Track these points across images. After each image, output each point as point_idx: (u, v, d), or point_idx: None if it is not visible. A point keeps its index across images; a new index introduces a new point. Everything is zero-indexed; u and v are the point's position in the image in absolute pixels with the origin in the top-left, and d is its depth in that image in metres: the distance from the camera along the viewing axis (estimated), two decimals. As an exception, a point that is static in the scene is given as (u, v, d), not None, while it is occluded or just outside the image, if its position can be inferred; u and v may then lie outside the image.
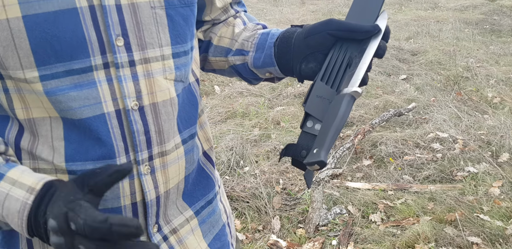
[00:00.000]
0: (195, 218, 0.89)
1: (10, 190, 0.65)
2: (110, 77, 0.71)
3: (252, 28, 0.94)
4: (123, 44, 0.70)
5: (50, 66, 0.66)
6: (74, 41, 0.66)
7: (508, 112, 4.02)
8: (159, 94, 0.76)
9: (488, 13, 8.38)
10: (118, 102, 0.72)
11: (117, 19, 0.69)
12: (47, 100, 0.68)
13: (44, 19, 0.64)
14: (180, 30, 0.77)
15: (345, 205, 2.82)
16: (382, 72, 5.46)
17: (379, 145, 3.49)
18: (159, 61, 0.75)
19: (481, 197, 2.80)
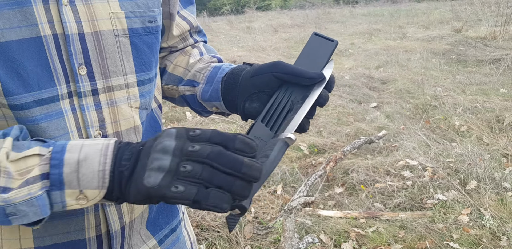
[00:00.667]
0: (159, 247, 0.88)
1: (84, 142, 0.60)
2: (73, 106, 0.70)
3: (207, 60, 0.93)
4: (86, 72, 0.70)
5: (19, 96, 0.65)
6: (40, 70, 0.65)
7: (475, 140, 4.11)
8: (123, 122, 0.75)
9: (454, 43, 8.69)
10: (82, 132, 0.71)
11: (80, 48, 0.69)
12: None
13: (8, 48, 0.63)
14: (144, 58, 0.77)
15: (317, 234, 2.80)
16: (353, 100, 5.55)
17: (351, 172, 3.51)
18: (123, 89, 0.75)
19: (451, 225, 2.82)
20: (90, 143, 0.60)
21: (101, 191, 0.58)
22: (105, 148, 0.59)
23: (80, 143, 0.60)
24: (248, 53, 8.06)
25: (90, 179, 0.58)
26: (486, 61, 7.25)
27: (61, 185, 0.58)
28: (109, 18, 0.71)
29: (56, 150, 0.58)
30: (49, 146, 0.60)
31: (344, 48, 9.11)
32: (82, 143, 0.60)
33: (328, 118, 4.80)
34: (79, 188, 0.58)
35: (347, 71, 6.99)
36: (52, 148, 0.59)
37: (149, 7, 0.77)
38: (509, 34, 9.10)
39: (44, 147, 0.60)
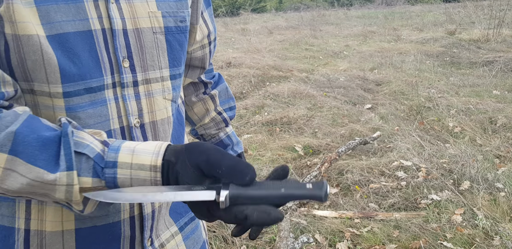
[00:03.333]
0: (179, 233, 0.93)
1: (132, 174, 0.65)
2: (116, 96, 0.76)
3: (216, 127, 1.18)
4: (129, 65, 0.76)
5: (73, 83, 0.70)
6: (90, 61, 0.71)
7: (468, 141, 4.15)
8: (158, 113, 0.82)
9: (448, 46, 8.76)
10: (122, 120, 0.77)
11: (124, 42, 0.75)
12: (64, 116, 0.71)
13: (66, 38, 0.68)
14: (176, 54, 0.84)
15: (312, 234, 2.82)
16: (348, 102, 5.58)
17: (346, 173, 3.53)
18: (159, 82, 0.82)
19: (444, 225, 2.85)
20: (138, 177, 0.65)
21: None
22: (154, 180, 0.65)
23: (128, 176, 0.64)
24: (243, 55, 8.09)
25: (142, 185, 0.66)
26: (479, 64, 7.31)
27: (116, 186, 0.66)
28: (148, 16, 0.78)
29: (109, 185, 0.65)
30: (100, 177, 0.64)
31: (339, 50, 9.16)
32: (130, 176, 0.64)
33: (323, 120, 4.83)
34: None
35: (342, 73, 7.03)
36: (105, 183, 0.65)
37: (179, 8, 0.83)
38: (501, 37, 9.18)
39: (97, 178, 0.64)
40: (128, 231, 0.80)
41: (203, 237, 1.01)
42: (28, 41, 0.65)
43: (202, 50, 1.03)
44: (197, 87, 1.14)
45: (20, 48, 0.66)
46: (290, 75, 6.84)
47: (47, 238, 0.76)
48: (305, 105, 5.33)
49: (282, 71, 7.09)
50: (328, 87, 6.08)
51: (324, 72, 7.09)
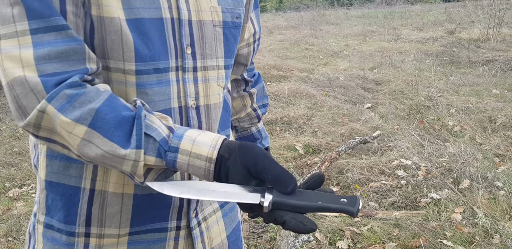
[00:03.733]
0: (220, 210, 1.01)
1: (190, 161, 0.73)
2: (178, 78, 0.85)
3: (250, 121, 1.28)
4: (190, 52, 0.85)
5: (145, 63, 0.79)
6: (160, 45, 0.80)
7: (468, 140, 4.16)
8: (212, 97, 0.91)
9: (448, 45, 8.77)
10: (181, 100, 0.86)
11: (188, 32, 0.84)
12: (135, 92, 0.80)
13: (142, 23, 0.78)
14: (231, 46, 0.94)
15: (313, 232, 2.83)
16: (348, 101, 5.59)
17: (346, 172, 3.55)
18: (214, 70, 0.91)
19: (444, 223, 2.86)
20: (194, 164, 0.73)
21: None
22: (207, 173, 0.73)
23: (186, 162, 0.73)
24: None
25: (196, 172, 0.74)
26: (479, 63, 7.32)
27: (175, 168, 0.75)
28: (210, 10, 0.87)
29: (169, 166, 0.74)
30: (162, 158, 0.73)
31: (339, 49, 9.17)
32: (187, 162, 0.73)
33: (323, 119, 4.84)
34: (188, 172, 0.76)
35: (342, 72, 7.04)
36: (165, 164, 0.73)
37: (236, 6, 0.93)
38: (501, 36, 9.19)
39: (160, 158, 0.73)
40: (177, 201, 0.89)
41: (238, 218, 1.10)
42: (111, 22, 0.75)
43: (247, 48, 1.12)
44: (238, 84, 1.23)
45: (103, 28, 0.75)
46: (290, 75, 6.86)
47: (108, 198, 0.84)
48: (305, 105, 5.34)
49: (282, 70, 7.11)
50: (328, 87, 6.09)
51: (324, 71, 7.10)
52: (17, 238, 2.82)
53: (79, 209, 0.84)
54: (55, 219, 0.86)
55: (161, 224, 0.89)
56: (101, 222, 0.85)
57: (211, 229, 0.98)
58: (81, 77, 0.71)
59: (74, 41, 0.72)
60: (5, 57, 0.70)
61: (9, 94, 0.70)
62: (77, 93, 0.69)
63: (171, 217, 0.90)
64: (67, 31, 0.71)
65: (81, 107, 0.68)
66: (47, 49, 0.70)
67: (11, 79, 0.69)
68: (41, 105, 0.67)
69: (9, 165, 3.91)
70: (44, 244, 0.88)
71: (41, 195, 0.88)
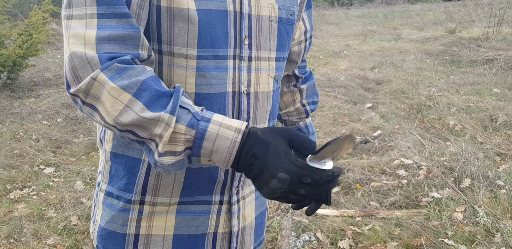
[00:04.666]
0: (254, 193, 1.10)
1: (220, 130, 0.77)
2: (234, 66, 0.93)
3: (298, 116, 1.34)
4: (248, 43, 0.94)
5: (205, 50, 0.88)
6: (222, 34, 0.89)
7: (469, 139, 4.16)
8: (261, 86, 0.98)
9: (448, 44, 8.76)
10: (235, 86, 0.94)
11: (247, 24, 0.93)
12: (194, 75, 0.89)
13: (209, 14, 0.87)
14: (283, 41, 1.02)
15: (314, 232, 2.83)
16: (348, 101, 5.59)
17: (347, 172, 3.54)
18: (266, 61, 0.99)
19: (445, 222, 2.86)
20: (223, 134, 0.77)
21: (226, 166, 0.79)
22: (232, 146, 0.77)
23: (216, 131, 0.77)
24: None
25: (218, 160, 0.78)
26: (479, 62, 7.31)
27: (199, 155, 0.79)
28: (267, 7, 0.96)
29: (197, 136, 0.77)
30: (193, 127, 0.77)
31: (339, 49, 9.17)
32: (217, 132, 0.77)
33: (324, 119, 4.84)
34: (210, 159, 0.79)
35: (342, 72, 7.04)
36: (195, 133, 0.77)
37: (291, 4, 1.02)
38: (502, 35, 9.18)
39: (190, 128, 0.77)
40: (223, 177, 0.97)
41: (266, 204, 1.19)
42: (180, 12, 0.84)
43: (299, 46, 1.20)
44: (290, 80, 1.30)
45: (172, 17, 0.85)
46: (290, 75, 6.85)
47: None
48: (305, 105, 5.33)
49: (282, 71, 7.10)
50: (329, 87, 6.09)
51: (325, 71, 7.10)
52: (19, 240, 2.83)
53: (138, 178, 0.95)
54: (115, 187, 0.98)
55: (206, 197, 0.99)
56: (155, 191, 0.95)
57: (246, 208, 1.06)
58: (132, 58, 0.80)
59: (133, 29, 0.81)
60: (72, 34, 0.81)
61: (68, 65, 0.80)
62: (127, 67, 0.78)
63: (215, 191, 0.99)
64: (128, 19, 0.81)
65: (129, 78, 0.77)
66: (108, 32, 0.80)
67: (72, 52, 0.79)
68: (95, 73, 0.77)
69: (9, 167, 3.91)
70: (103, 210, 1.00)
71: (106, 166, 0.99)
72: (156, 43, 0.88)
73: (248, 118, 0.97)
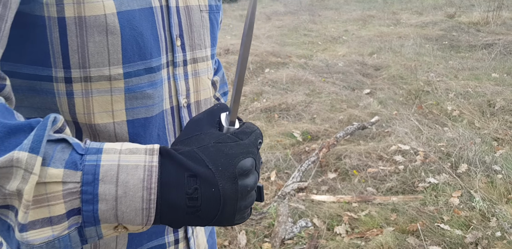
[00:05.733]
0: None
1: (121, 159, 0.51)
2: (169, 75, 0.75)
3: None
4: (180, 44, 0.76)
5: (133, 64, 0.68)
6: (152, 40, 0.70)
7: (467, 124, 4.16)
8: (202, 93, 0.81)
9: (447, 29, 8.70)
10: (173, 100, 0.76)
11: (177, 20, 0.74)
12: (122, 99, 0.68)
13: (133, 16, 0.67)
14: (215, 33, 0.85)
15: (311, 218, 2.85)
16: (346, 87, 5.58)
17: (344, 158, 3.55)
18: (204, 61, 0.81)
19: (441, 207, 2.87)
20: (128, 163, 0.51)
21: (145, 226, 0.53)
22: (148, 176, 0.51)
23: (116, 162, 0.51)
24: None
25: (132, 216, 0.51)
26: (478, 47, 7.27)
27: (97, 222, 0.50)
28: None
29: (86, 181, 0.49)
30: (76, 168, 0.50)
31: (338, 35, 9.10)
32: (117, 162, 0.51)
33: (322, 105, 4.83)
34: (118, 222, 0.51)
35: (341, 58, 7.00)
36: (81, 176, 0.49)
37: None
38: (501, 19, 9.12)
39: (71, 170, 0.49)
40: None
41: None
42: (95, 21, 0.63)
43: None
44: None
45: (83, 30, 0.63)
46: (288, 62, 6.82)
47: None
48: (303, 92, 5.32)
49: (280, 57, 7.07)
50: (327, 73, 6.07)
51: (323, 57, 7.06)
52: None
53: None
54: None
55: (158, 241, 0.80)
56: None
57: (199, 235, 0.90)
58: None
59: None
60: None
61: None
62: None
63: (167, 231, 0.81)
64: None
65: None
66: None
67: None
68: None
69: None
70: None
71: None
72: (61, 69, 0.64)
73: None
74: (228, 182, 0.52)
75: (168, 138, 0.76)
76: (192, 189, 0.51)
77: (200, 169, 0.51)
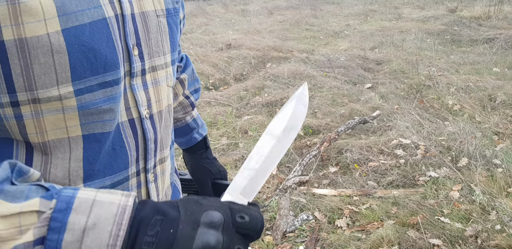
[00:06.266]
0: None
1: (97, 196, 0.50)
2: (125, 86, 0.71)
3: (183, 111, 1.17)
4: (138, 53, 0.71)
5: (85, 80, 0.64)
6: (108, 53, 0.65)
7: (467, 119, 4.17)
8: (164, 101, 0.78)
9: (449, 24, 8.69)
10: (131, 112, 0.71)
11: (132, 28, 0.70)
12: (76, 116, 0.65)
13: (82, 31, 0.62)
14: (175, 37, 0.81)
15: (312, 212, 2.87)
16: (348, 81, 5.59)
17: (345, 152, 3.57)
18: (163, 69, 0.78)
19: (442, 201, 2.90)
20: (103, 200, 0.50)
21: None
22: (121, 212, 0.49)
23: (92, 197, 0.50)
24: (243, 36, 8.06)
25: (96, 243, 0.48)
26: (480, 41, 7.27)
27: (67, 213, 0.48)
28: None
29: (59, 208, 0.48)
30: (52, 198, 0.49)
31: (340, 29, 9.10)
32: (93, 198, 0.50)
33: (323, 100, 4.84)
34: None
35: (342, 52, 7.00)
36: (55, 203, 0.48)
37: None
38: (503, 14, 9.10)
39: (46, 199, 0.48)
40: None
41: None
42: (37, 43, 0.59)
43: None
44: None
45: (26, 53, 0.59)
46: (290, 56, 6.83)
47: None
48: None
49: (282, 52, 7.07)
50: (328, 67, 6.07)
51: (325, 52, 7.07)
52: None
53: None
54: None
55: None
56: None
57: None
58: None
59: None
60: None
61: None
62: None
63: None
64: None
65: None
66: None
67: None
68: None
69: None
70: None
71: None
72: (6, 94, 0.60)
73: (155, 147, 0.76)
74: (189, 226, 0.49)
75: (129, 152, 0.72)
76: (154, 231, 0.49)
77: (170, 211, 0.50)
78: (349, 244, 2.55)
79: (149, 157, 0.76)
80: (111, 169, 0.71)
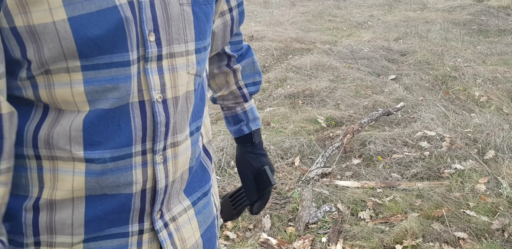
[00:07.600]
0: (192, 208, 0.92)
1: None
2: (139, 70, 0.73)
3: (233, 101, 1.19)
4: (154, 39, 0.73)
5: (92, 58, 0.68)
6: (117, 38, 0.68)
7: (495, 110, 4.09)
8: (181, 88, 0.79)
9: (476, 13, 8.49)
10: (143, 94, 0.74)
11: (150, 15, 0.72)
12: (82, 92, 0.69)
13: (88, 19, 0.65)
14: (202, 26, 0.81)
15: (335, 203, 2.86)
16: (371, 73, 5.52)
17: (368, 144, 3.54)
18: (183, 56, 0.78)
19: (468, 193, 2.85)
20: None
21: None
22: None
23: None
24: (266, 28, 8.02)
25: None
26: (508, 31, 7.09)
27: None
28: None
29: None
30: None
31: (363, 20, 8.98)
32: None
33: (346, 91, 4.80)
34: None
35: (366, 43, 6.92)
36: None
37: None
38: (533, 2, 8.85)
39: None
40: (139, 204, 0.79)
41: (214, 213, 1.01)
42: (44, 29, 0.64)
43: (222, 18, 0.99)
44: (220, 59, 1.12)
45: (36, 38, 0.65)
46: (312, 48, 6.77)
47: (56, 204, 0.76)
48: (327, 78, 5.29)
49: (304, 43, 7.02)
50: (352, 59, 6.01)
51: (348, 43, 6.99)
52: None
53: (25, 218, 0.76)
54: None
55: (121, 229, 0.80)
56: (50, 229, 0.77)
57: (183, 229, 0.88)
58: None
59: None
60: None
61: None
62: None
63: (132, 220, 0.80)
64: None
65: None
66: None
67: None
68: None
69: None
70: None
71: None
72: (25, 70, 0.69)
73: (167, 131, 0.79)
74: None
75: (133, 131, 0.75)
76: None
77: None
78: (372, 236, 2.54)
79: (158, 139, 0.77)
80: (113, 143, 0.74)
